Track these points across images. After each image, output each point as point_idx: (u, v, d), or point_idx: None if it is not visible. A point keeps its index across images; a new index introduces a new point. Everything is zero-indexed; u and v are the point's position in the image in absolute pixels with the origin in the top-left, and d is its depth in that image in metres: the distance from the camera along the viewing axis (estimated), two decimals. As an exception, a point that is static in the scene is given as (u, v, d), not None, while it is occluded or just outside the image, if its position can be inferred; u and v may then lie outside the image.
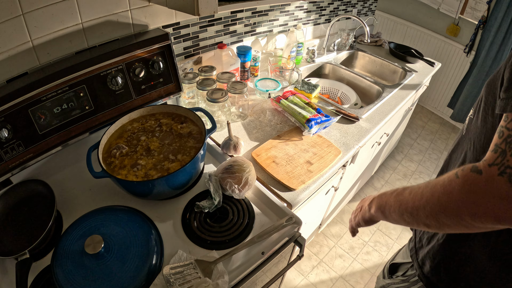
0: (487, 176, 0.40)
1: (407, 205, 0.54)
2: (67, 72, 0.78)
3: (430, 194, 0.48)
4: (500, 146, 0.42)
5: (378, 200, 0.65)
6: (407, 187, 0.56)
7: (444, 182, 0.46)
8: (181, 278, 0.66)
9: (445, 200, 0.45)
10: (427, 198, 0.49)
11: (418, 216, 0.51)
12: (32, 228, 0.72)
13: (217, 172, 0.87)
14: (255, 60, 1.45)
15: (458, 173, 0.45)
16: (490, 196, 0.40)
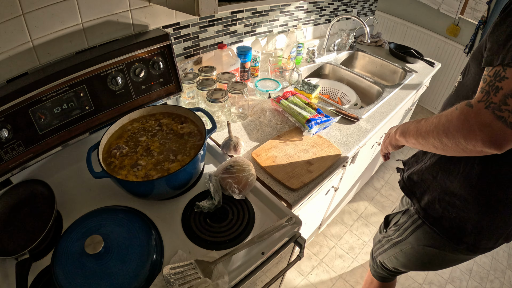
0: (477, 109, 0.54)
1: (422, 130, 0.69)
2: (67, 72, 0.78)
3: (437, 121, 0.63)
4: (485, 88, 0.55)
5: (402, 127, 0.81)
6: (425, 118, 0.71)
7: (447, 113, 0.61)
8: (181, 278, 0.66)
9: (447, 126, 0.60)
10: (435, 124, 0.64)
11: (428, 139, 0.67)
12: (32, 228, 0.72)
13: (217, 172, 0.87)
14: (255, 61, 1.45)
15: (457, 107, 0.59)
16: (479, 123, 0.54)
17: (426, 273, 1.80)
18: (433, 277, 1.78)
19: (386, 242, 1.05)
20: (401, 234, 0.94)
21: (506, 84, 0.52)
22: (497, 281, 1.80)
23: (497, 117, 0.52)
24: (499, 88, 0.52)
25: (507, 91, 0.52)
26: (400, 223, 0.95)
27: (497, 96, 0.52)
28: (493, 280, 1.81)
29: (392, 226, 1.01)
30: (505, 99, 0.51)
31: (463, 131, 0.57)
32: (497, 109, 0.52)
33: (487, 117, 0.53)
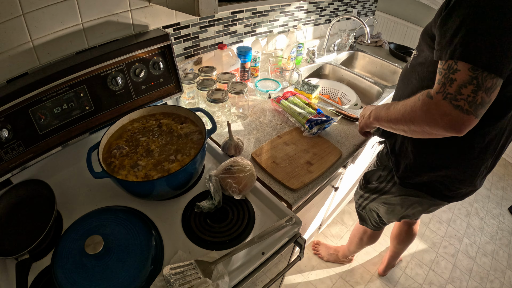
0: (436, 100, 0.62)
1: (391, 117, 0.78)
2: (68, 72, 0.78)
3: (403, 110, 0.72)
4: (441, 80, 0.62)
5: (374, 112, 0.90)
6: (393, 103, 0.79)
7: (411, 103, 0.69)
8: (181, 278, 0.66)
9: (412, 115, 0.68)
10: (403, 113, 0.72)
11: (398, 125, 0.76)
12: (32, 228, 0.72)
13: (217, 173, 0.87)
14: (255, 61, 1.45)
15: (419, 97, 0.66)
16: (439, 113, 0.61)
17: (426, 273, 1.80)
18: (433, 277, 1.78)
19: (370, 194, 1.16)
20: (385, 186, 1.07)
21: (459, 75, 0.59)
22: (497, 281, 1.80)
23: (454, 106, 0.59)
24: (453, 79, 0.59)
25: (461, 82, 0.58)
26: (382, 176, 1.07)
27: (452, 87, 0.59)
28: (493, 280, 1.81)
29: (373, 182, 1.12)
30: (460, 89, 0.58)
31: (427, 120, 0.64)
32: (454, 99, 0.59)
33: (446, 107, 0.60)
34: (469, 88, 0.58)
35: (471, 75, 0.58)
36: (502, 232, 2.13)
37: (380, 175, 1.09)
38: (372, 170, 1.15)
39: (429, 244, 1.97)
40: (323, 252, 1.78)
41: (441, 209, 2.22)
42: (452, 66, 0.60)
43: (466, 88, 0.58)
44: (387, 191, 1.07)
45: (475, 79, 0.57)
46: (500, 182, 2.55)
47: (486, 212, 2.26)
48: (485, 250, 1.98)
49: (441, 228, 2.09)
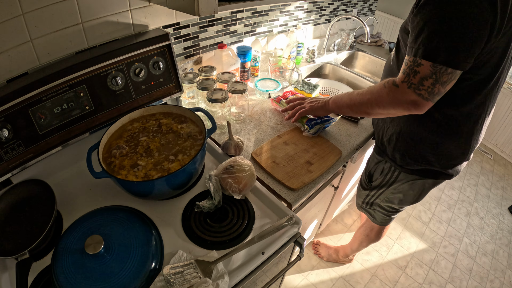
0: (402, 89, 0.74)
1: (356, 101, 0.89)
2: (67, 72, 0.78)
3: (370, 96, 0.83)
4: (406, 70, 0.73)
5: (334, 98, 1.00)
6: (354, 91, 0.91)
7: (377, 90, 0.81)
8: (181, 278, 0.66)
9: (379, 100, 0.80)
10: (369, 98, 0.84)
11: (361, 108, 0.88)
12: (32, 228, 0.72)
13: (217, 172, 0.87)
14: (255, 60, 1.45)
15: (385, 84, 0.78)
16: (405, 99, 0.74)
17: (426, 273, 1.80)
18: (433, 276, 1.78)
19: (376, 190, 1.20)
20: (391, 177, 1.11)
21: (422, 69, 0.70)
22: (497, 281, 1.80)
23: (417, 94, 0.72)
24: (417, 72, 0.70)
25: (423, 75, 0.70)
26: (385, 169, 1.11)
27: (416, 78, 0.71)
28: (493, 280, 1.81)
29: (377, 177, 1.16)
30: (422, 81, 0.70)
31: (393, 104, 0.77)
32: (417, 88, 0.71)
33: (410, 94, 0.72)
34: (429, 81, 0.70)
35: (431, 70, 0.69)
36: (502, 231, 2.13)
37: (383, 168, 1.12)
38: (373, 167, 1.17)
39: (429, 244, 1.97)
40: (323, 252, 1.78)
41: (441, 209, 2.22)
42: (416, 60, 0.71)
43: (427, 81, 0.70)
44: (394, 181, 1.10)
45: (434, 74, 0.69)
46: (500, 182, 2.55)
47: (486, 211, 2.26)
48: (485, 249, 1.98)
49: (441, 228, 2.09)
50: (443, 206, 2.26)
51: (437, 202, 2.28)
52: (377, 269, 1.79)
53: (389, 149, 1.05)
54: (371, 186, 1.21)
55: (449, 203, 2.29)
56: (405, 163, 1.02)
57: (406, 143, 0.98)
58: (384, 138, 1.06)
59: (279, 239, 0.79)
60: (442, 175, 1.01)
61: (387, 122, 1.05)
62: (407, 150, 0.99)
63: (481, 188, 2.45)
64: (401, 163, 1.03)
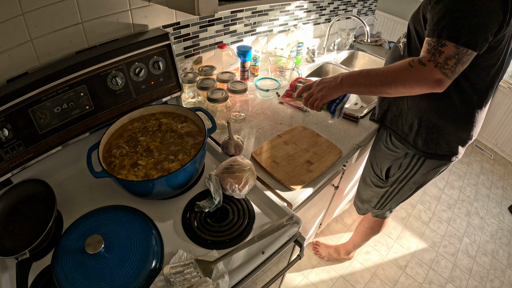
0: (429, 67, 0.77)
1: (375, 82, 0.87)
2: (67, 72, 0.78)
3: (393, 75, 0.83)
4: (431, 50, 0.77)
5: (346, 80, 0.93)
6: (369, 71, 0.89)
7: (402, 68, 0.81)
8: (182, 277, 0.66)
9: (404, 79, 0.81)
10: (392, 78, 0.83)
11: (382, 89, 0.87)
12: (32, 228, 0.72)
13: (217, 172, 0.87)
14: (255, 60, 1.45)
15: (411, 63, 0.80)
16: (431, 78, 0.77)
17: (426, 273, 1.80)
18: (433, 276, 1.78)
19: (396, 186, 1.23)
20: (411, 170, 1.15)
21: (446, 49, 0.75)
22: (497, 281, 1.80)
23: (442, 73, 0.76)
24: (442, 52, 0.76)
25: (447, 55, 0.75)
26: (404, 164, 1.15)
27: (441, 57, 0.76)
28: (493, 279, 1.81)
29: (395, 173, 1.20)
30: (447, 60, 0.75)
31: (419, 82, 0.79)
32: (442, 67, 0.76)
33: (436, 73, 0.76)
34: (453, 61, 0.76)
35: (455, 50, 0.75)
36: (502, 231, 2.13)
37: (401, 164, 1.16)
38: (388, 163, 1.20)
39: (429, 243, 1.97)
40: (324, 252, 1.78)
41: (441, 208, 2.22)
42: (440, 41, 0.76)
43: (451, 61, 0.75)
44: (414, 173, 1.15)
45: (457, 54, 0.75)
46: (500, 181, 2.55)
47: (486, 211, 2.26)
48: (485, 249, 1.98)
49: (441, 227, 2.09)
50: (443, 205, 2.26)
51: (437, 201, 2.28)
52: (377, 268, 1.79)
53: (411, 136, 1.08)
54: (387, 182, 1.25)
55: (449, 202, 2.29)
56: (426, 148, 1.07)
57: (428, 127, 1.03)
58: (404, 126, 1.10)
59: (279, 239, 0.79)
60: (455, 156, 1.07)
61: (404, 110, 1.08)
62: (428, 134, 1.04)
63: (481, 188, 2.45)
64: (423, 147, 1.07)
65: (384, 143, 1.20)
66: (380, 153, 1.22)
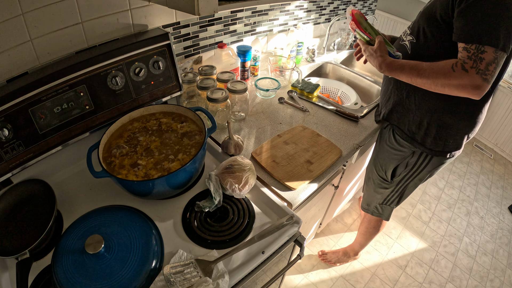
0: (471, 74, 0.78)
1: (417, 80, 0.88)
2: (67, 71, 0.78)
3: (435, 76, 0.84)
4: (471, 57, 0.78)
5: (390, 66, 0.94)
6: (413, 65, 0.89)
7: (445, 72, 0.82)
8: (182, 277, 0.66)
9: (445, 82, 0.82)
10: (433, 79, 0.84)
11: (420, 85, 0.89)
12: (32, 228, 0.72)
13: (217, 172, 0.87)
14: (255, 60, 1.45)
15: (454, 68, 0.80)
16: (473, 84, 0.78)
17: (427, 272, 1.80)
18: (433, 276, 1.78)
19: (402, 184, 1.24)
20: (417, 168, 1.16)
21: (486, 55, 0.76)
22: (497, 280, 1.80)
23: (483, 79, 0.77)
24: (482, 58, 0.77)
25: (488, 61, 0.76)
26: (410, 163, 1.16)
27: (482, 64, 0.77)
28: (493, 279, 1.81)
29: (401, 172, 1.20)
30: (488, 66, 0.77)
31: (459, 88, 0.81)
32: (483, 74, 0.77)
33: (478, 80, 0.77)
34: (493, 66, 0.77)
35: (494, 55, 0.76)
36: (502, 231, 2.13)
37: (408, 163, 1.17)
38: (394, 163, 1.20)
39: (429, 243, 1.97)
40: (333, 258, 1.77)
41: (441, 208, 2.22)
42: (479, 48, 0.77)
43: (491, 66, 0.77)
44: (421, 170, 1.16)
45: (496, 59, 0.76)
46: (500, 181, 2.55)
47: (486, 211, 2.26)
48: (485, 249, 1.98)
49: (441, 227, 2.09)
50: (443, 205, 2.26)
51: (437, 201, 2.28)
52: (377, 268, 1.79)
53: (420, 134, 1.09)
54: (392, 183, 1.25)
55: (449, 202, 2.29)
56: (434, 146, 1.08)
57: (437, 126, 1.04)
58: (412, 125, 1.10)
59: (279, 239, 0.79)
60: (458, 150, 1.09)
61: (412, 110, 1.08)
62: (437, 133, 1.05)
63: (481, 188, 2.45)
64: (431, 146, 1.08)
65: (388, 143, 1.19)
66: (384, 154, 1.22)
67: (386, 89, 1.17)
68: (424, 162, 1.13)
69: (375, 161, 1.29)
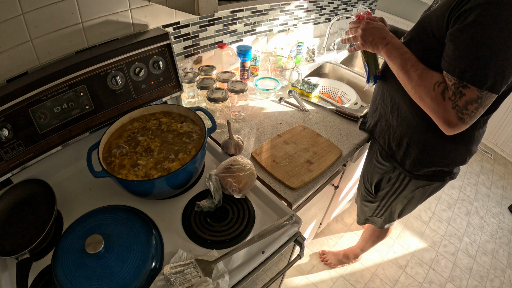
0: (446, 105, 0.70)
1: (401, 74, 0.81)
2: (67, 71, 0.78)
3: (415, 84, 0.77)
4: (451, 88, 0.69)
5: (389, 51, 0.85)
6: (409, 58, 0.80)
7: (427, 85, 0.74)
8: (182, 277, 0.66)
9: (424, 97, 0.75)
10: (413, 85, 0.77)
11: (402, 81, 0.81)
12: (32, 228, 0.72)
13: (217, 172, 0.87)
14: (255, 60, 1.45)
15: (435, 87, 0.72)
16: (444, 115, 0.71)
17: (427, 272, 1.80)
18: (433, 276, 1.78)
19: (387, 200, 1.17)
20: (400, 185, 1.09)
21: (468, 92, 0.67)
22: (497, 280, 1.80)
23: (459, 117, 0.69)
24: (463, 94, 0.67)
25: (469, 99, 0.67)
26: (393, 178, 1.09)
27: (461, 100, 0.68)
28: (493, 279, 1.81)
29: (384, 187, 1.14)
30: (467, 105, 0.67)
31: (432, 111, 0.74)
32: (460, 112, 0.69)
33: (452, 115, 0.70)
34: (474, 105, 0.67)
35: (478, 95, 0.66)
36: (502, 231, 2.13)
37: (390, 177, 1.10)
38: (378, 176, 1.14)
39: (429, 243, 1.97)
40: (333, 260, 1.76)
41: (441, 208, 2.22)
42: (462, 82, 0.67)
43: (472, 105, 0.67)
44: (403, 188, 1.09)
45: (480, 98, 0.67)
46: (500, 181, 2.55)
47: (486, 211, 2.26)
48: (485, 249, 1.98)
49: (441, 227, 2.09)
50: (443, 205, 2.26)
51: (437, 201, 2.28)
52: (377, 268, 1.79)
53: (399, 154, 1.02)
54: (377, 197, 1.19)
55: (449, 202, 2.29)
56: (414, 169, 1.00)
57: (418, 149, 0.96)
58: (392, 142, 1.03)
59: (279, 238, 0.79)
60: (449, 177, 1.01)
61: (393, 126, 1.01)
62: (417, 156, 0.97)
63: (481, 187, 2.45)
64: (410, 168, 1.01)
65: (374, 156, 1.15)
66: (370, 166, 1.18)
67: (375, 99, 1.12)
68: (404, 181, 1.06)
69: (363, 172, 1.26)
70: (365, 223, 1.40)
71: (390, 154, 1.05)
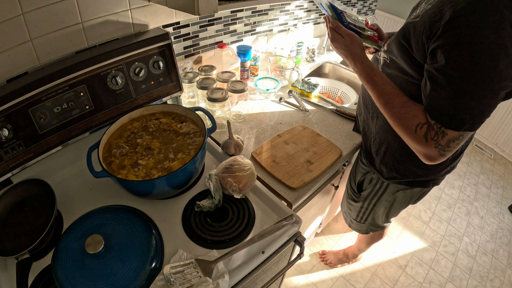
0: (429, 145, 0.71)
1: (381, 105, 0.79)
2: (67, 71, 0.78)
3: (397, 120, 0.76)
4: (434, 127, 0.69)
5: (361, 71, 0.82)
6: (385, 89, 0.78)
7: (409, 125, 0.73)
8: (182, 277, 0.66)
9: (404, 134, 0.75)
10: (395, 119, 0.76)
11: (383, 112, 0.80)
12: (32, 228, 0.72)
13: (217, 172, 0.87)
14: (255, 60, 1.45)
15: (417, 129, 0.72)
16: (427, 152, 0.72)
17: (427, 272, 1.80)
18: (433, 276, 1.78)
19: (369, 201, 1.17)
20: (380, 187, 1.09)
21: (450, 132, 0.67)
22: (497, 280, 1.80)
23: (440, 154, 0.71)
24: (445, 133, 0.68)
25: (451, 138, 0.68)
26: (374, 179, 1.09)
27: (443, 139, 0.69)
28: (493, 279, 1.81)
29: (367, 187, 1.14)
30: (449, 143, 0.69)
31: (413, 147, 0.75)
32: (442, 150, 0.70)
33: (434, 153, 0.71)
34: (455, 142, 0.69)
35: (459, 133, 0.67)
36: (502, 231, 2.13)
37: (372, 178, 1.10)
38: (361, 177, 1.15)
39: (429, 243, 1.97)
40: (333, 260, 1.76)
41: (441, 208, 2.22)
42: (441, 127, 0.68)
43: (454, 142, 0.69)
44: (384, 190, 1.08)
45: (461, 135, 0.68)
46: (500, 181, 2.55)
47: (486, 211, 2.26)
48: (485, 249, 1.98)
49: (441, 227, 2.09)
50: (443, 205, 2.26)
51: (437, 201, 2.28)
52: (377, 268, 1.79)
53: (377, 161, 1.03)
54: (360, 197, 1.19)
55: (449, 202, 2.29)
56: (392, 177, 1.01)
57: (394, 158, 0.96)
58: (372, 148, 1.03)
59: (279, 238, 0.79)
60: (432, 183, 1.01)
61: (373, 133, 1.01)
62: (394, 165, 0.97)
63: (481, 187, 2.45)
64: (388, 176, 1.02)
65: (359, 155, 1.16)
66: (356, 164, 1.19)
67: (360, 102, 1.11)
68: (384, 183, 1.06)
69: (351, 169, 1.26)
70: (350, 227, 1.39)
71: (370, 160, 1.07)
